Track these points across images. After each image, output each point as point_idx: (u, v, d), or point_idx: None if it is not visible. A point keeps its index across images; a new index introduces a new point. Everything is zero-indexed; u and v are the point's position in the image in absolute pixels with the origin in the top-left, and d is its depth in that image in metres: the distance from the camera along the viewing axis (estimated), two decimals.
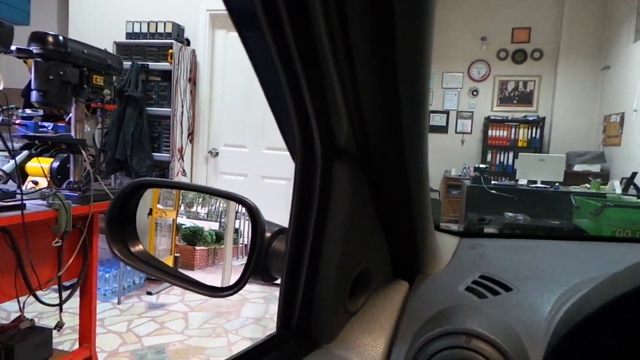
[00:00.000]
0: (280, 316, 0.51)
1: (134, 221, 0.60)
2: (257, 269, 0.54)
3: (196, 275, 0.65)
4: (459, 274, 0.59)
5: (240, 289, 0.55)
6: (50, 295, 2.00)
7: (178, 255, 0.73)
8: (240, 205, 0.69)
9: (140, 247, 0.60)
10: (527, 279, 0.58)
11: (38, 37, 1.76)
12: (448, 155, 7.06)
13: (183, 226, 0.73)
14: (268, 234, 0.55)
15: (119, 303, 3.40)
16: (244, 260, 0.56)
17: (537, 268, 0.63)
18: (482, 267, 0.61)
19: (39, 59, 1.76)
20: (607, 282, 0.47)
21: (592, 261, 0.68)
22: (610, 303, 0.38)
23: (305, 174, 0.46)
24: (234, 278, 0.57)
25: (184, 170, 4.13)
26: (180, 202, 0.72)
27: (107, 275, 3.44)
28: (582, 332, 0.43)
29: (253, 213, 0.55)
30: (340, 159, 0.45)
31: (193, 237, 0.72)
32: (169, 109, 3.96)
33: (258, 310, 3.42)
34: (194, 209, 0.71)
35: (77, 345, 2.27)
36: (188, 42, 4.18)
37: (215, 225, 0.71)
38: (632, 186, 4.66)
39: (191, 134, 4.24)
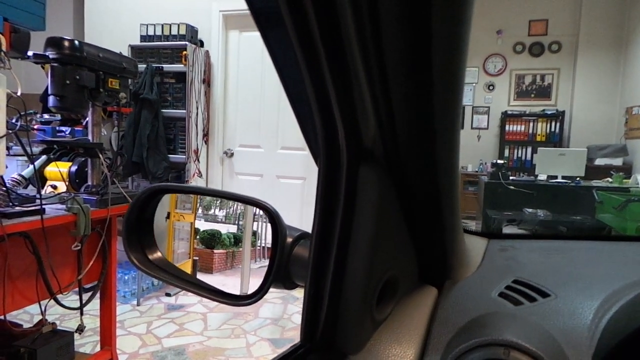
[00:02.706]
0: (304, 326, 0.48)
1: (151, 228, 0.59)
2: (279, 275, 0.52)
3: (215, 278, 0.64)
4: (490, 279, 0.56)
5: (262, 297, 0.53)
6: (71, 298, 2.02)
7: (197, 258, 0.71)
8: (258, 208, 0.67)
9: (159, 254, 0.59)
10: (564, 283, 0.55)
11: (54, 42, 1.77)
12: (464, 151, 6.90)
13: (201, 229, 0.71)
14: (289, 240, 0.52)
15: (138, 305, 3.43)
16: (263, 262, 0.54)
17: (575, 272, 0.59)
18: (515, 271, 0.58)
19: (55, 64, 1.77)
20: None
21: (632, 263, 0.64)
22: None
23: (329, 176, 0.43)
24: (252, 281, 0.55)
25: (199, 172, 4.14)
26: (198, 205, 0.71)
27: (126, 277, 3.47)
28: (632, 343, 0.40)
29: (274, 218, 0.53)
30: (366, 161, 0.42)
31: (211, 240, 0.71)
32: (184, 111, 3.98)
33: (276, 310, 3.41)
34: (211, 212, 0.69)
35: (98, 348, 2.29)
36: (202, 44, 4.19)
37: (233, 228, 0.70)
38: None
39: (206, 135, 4.25)
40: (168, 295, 3.62)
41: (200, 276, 0.66)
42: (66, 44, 1.77)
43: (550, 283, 0.54)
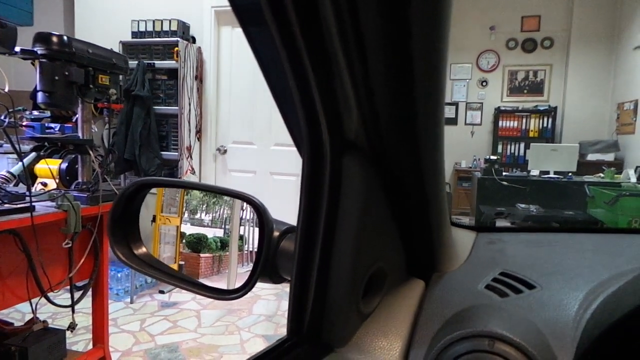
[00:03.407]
0: (290, 320, 0.48)
1: (137, 222, 0.58)
2: (266, 270, 0.52)
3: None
4: (477, 272, 0.56)
5: (248, 291, 0.53)
6: (63, 296, 2.01)
7: (182, 263, 0.71)
8: (244, 211, 0.66)
9: (144, 249, 0.58)
10: (550, 275, 0.55)
11: (42, 38, 1.75)
12: (458, 147, 6.99)
13: (187, 233, 0.71)
14: (276, 233, 0.52)
15: (131, 302, 3.41)
16: (249, 267, 0.54)
17: (561, 263, 0.59)
18: (502, 263, 0.58)
19: (43, 60, 1.75)
20: (638, 278, 0.44)
21: (618, 255, 0.64)
22: None
23: (313, 169, 0.43)
24: (239, 285, 0.55)
25: (192, 169, 4.13)
26: (184, 209, 0.70)
27: (119, 275, 3.46)
28: (616, 333, 0.40)
29: (260, 212, 0.52)
30: (350, 153, 0.42)
31: (197, 244, 0.70)
32: (176, 108, 3.96)
33: (270, 307, 3.41)
34: (197, 216, 0.69)
35: (90, 346, 2.28)
36: (194, 40, 4.16)
37: (219, 232, 0.69)
38: None
39: (199, 132, 4.23)
40: (162, 292, 3.61)
41: None
42: (54, 39, 1.75)
43: (537, 275, 0.54)
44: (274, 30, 0.34)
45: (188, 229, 0.69)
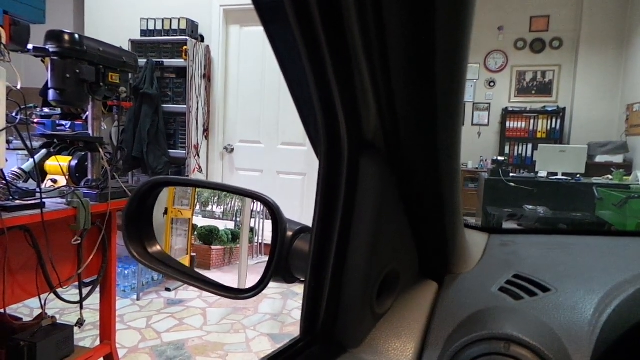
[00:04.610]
0: (304, 320, 0.48)
1: (151, 221, 0.58)
2: (279, 269, 0.52)
3: (212, 274, 0.63)
4: (491, 274, 0.56)
5: (262, 290, 0.53)
6: (71, 292, 2.02)
7: (194, 254, 0.71)
8: (255, 204, 0.67)
9: (158, 247, 0.59)
10: (565, 278, 0.54)
11: (54, 36, 1.76)
12: (464, 148, 6.76)
13: (199, 225, 0.71)
14: (289, 233, 0.52)
15: (138, 299, 3.43)
16: (260, 259, 0.54)
17: (575, 266, 0.59)
18: (515, 265, 0.58)
19: (55, 58, 1.77)
20: None
21: (631, 258, 0.64)
22: None
23: (330, 169, 0.43)
24: (250, 277, 0.55)
25: (200, 167, 4.14)
26: (196, 201, 0.71)
27: (126, 272, 3.48)
28: (633, 338, 0.39)
29: (274, 211, 0.52)
30: (367, 153, 0.42)
31: (209, 236, 0.71)
32: (184, 106, 3.97)
33: (276, 306, 3.42)
34: (209, 208, 0.69)
35: (98, 342, 2.30)
36: (202, 39, 4.18)
37: (230, 225, 0.70)
38: None
39: (206, 131, 4.25)
40: (168, 290, 3.63)
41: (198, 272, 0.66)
42: (66, 37, 1.77)
43: (551, 277, 0.54)
44: (295, 27, 0.34)
45: (200, 221, 0.70)
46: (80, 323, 2.00)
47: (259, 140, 4.27)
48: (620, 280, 0.52)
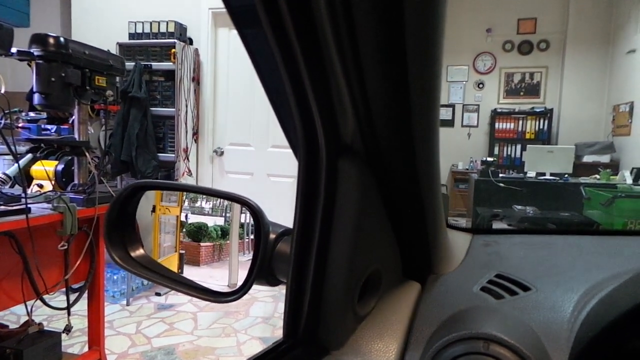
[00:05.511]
0: (286, 322, 0.48)
1: (133, 225, 0.58)
2: (262, 272, 0.52)
3: (202, 270, 0.63)
4: (473, 274, 0.57)
5: (245, 293, 0.53)
6: (59, 299, 2.00)
7: (183, 252, 0.71)
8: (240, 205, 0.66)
9: (142, 251, 0.58)
10: (545, 277, 0.55)
11: (39, 39, 1.75)
12: (454, 149, 7.01)
13: (187, 222, 0.71)
14: (272, 236, 0.52)
15: (127, 304, 3.40)
16: (250, 255, 0.54)
17: (556, 265, 0.60)
18: (497, 265, 0.58)
19: (40, 61, 1.75)
20: (634, 280, 0.44)
21: (613, 256, 0.65)
22: None
23: (309, 172, 0.43)
24: (241, 274, 0.55)
25: (189, 170, 4.12)
26: (184, 198, 0.71)
27: (115, 277, 3.44)
28: (610, 335, 0.40)
29: (256, 214, 0.52)
30: (345, 155, 0.42)
31: (198, 233, 0.71)
32: (173, 109, 3.95)
33: (267, 309, 3.41)
34: (198, 204, 0.69)
35: (86, 348, 2.27)
36: (191, 41, 4.16)
37: (220, 221, 0.70)
38: None
39: (196, 134, 4.23)
40: (158, 294, 3.60)
41: (187, 269, 0.66)
42: (51, 40, 1.75)
43: (532, 277, 0.55)
44: (269, 32, 0.34)
45: (189, 217, 0.70)
46: (68, 329, 1.98)
47: (249, 142, 4.26)
48: (600, 279, 0.53)
